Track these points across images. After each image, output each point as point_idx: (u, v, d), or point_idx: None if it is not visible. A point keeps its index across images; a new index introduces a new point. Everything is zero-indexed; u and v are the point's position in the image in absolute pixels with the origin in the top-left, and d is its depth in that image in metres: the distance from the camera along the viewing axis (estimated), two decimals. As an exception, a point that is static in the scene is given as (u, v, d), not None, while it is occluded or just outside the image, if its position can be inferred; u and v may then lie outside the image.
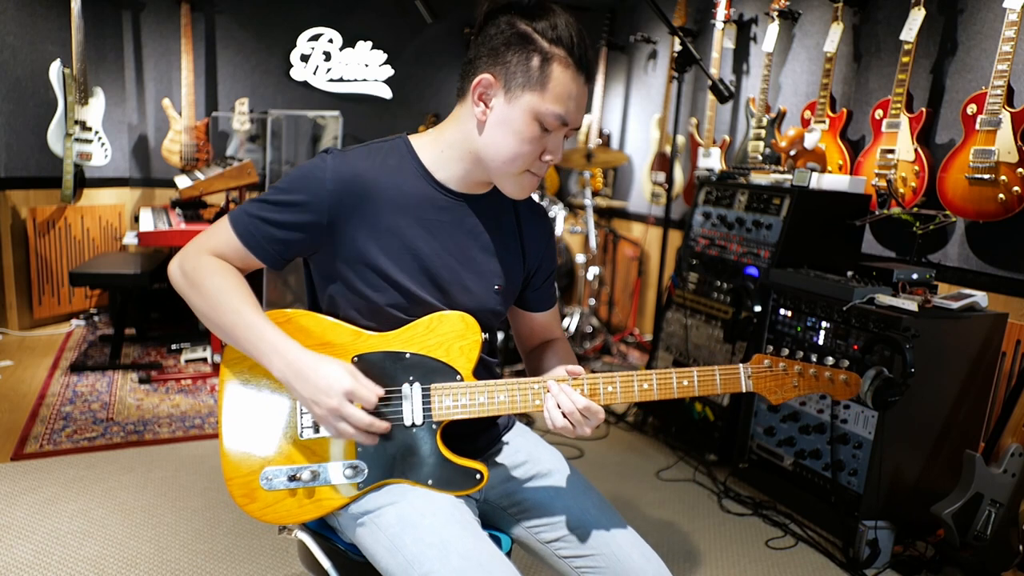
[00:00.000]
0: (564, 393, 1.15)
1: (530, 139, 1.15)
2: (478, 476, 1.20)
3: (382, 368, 1.20)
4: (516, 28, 1.13)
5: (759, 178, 3.00)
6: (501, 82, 1.15)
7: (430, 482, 1.20)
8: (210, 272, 1.18)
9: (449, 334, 1.22)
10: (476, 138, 1.19)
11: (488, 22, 1.16)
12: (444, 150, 1.24)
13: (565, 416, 1.14)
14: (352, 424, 1.12)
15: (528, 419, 3.20)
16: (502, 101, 1.15)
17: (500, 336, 3.69)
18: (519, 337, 1.49)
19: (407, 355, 1.21)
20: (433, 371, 1.21)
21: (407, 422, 1.19)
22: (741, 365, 1.23)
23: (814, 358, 1.27)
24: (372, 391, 1.14)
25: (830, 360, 1.25)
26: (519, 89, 1.13)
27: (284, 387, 1.19)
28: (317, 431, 1.20)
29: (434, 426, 1.20)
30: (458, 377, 1.21)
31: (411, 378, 1.20)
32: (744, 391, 1.23)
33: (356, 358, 1.21)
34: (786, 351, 1.27)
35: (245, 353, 1.17)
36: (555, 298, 1.48)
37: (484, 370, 1.31)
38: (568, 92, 1.13)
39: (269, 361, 1.13)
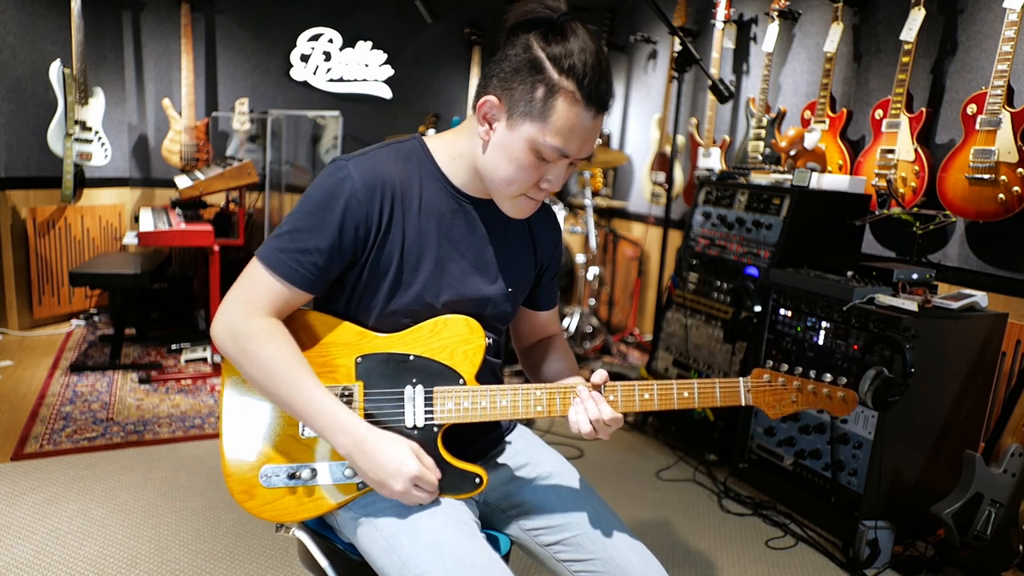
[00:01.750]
0: (593, 401, 1.17)
1: (527, 167, 1.13)
2: (477, 480, 1.20)
3: (385, 369, 1.21)
4: (530, 52, 1.09)
5: (759, 178, 3.00)
6: (505, 106, 1.12)
7: None
8: (264, 340, 1.14)
9: (453, 338, 1.23)
10: (480, 155, 1.19)
11: (510, 38, 1.13)
12: (456, 158, 1.24)
13: (591, 423, 1.17)
14: (413, 503, 1.15)
15: (528, 420, 3.20)
16: (504, 126, 1.14)
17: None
18: (517, 334, 1.49)
19: (411, 357, 1.21)
20: (436, 374, 1.21)
21: (408, 424, 1.20)
22: (741, 379, 1.24)
23: (813, 375, 1.27)
24: (435, 473, 1.16)
25: (828, 377, 1.26)
26: (520, 117, 1.11)
27: None
28: None
29: (435, 429, 1.20)
30: (461, 381, 1.21)
31: (414, 380, 1.20)
32: (743, 404, 1.24)
33: (360, 358, 1.21)
34: (793, 368, 1.27)
35: (303, 423, 1.17)
36: (558, 297, 1.49)
37: (488, 370, 1.31)
38: (571, 126, 1.09)
39: (332, 437, 1.13)
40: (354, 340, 1.22)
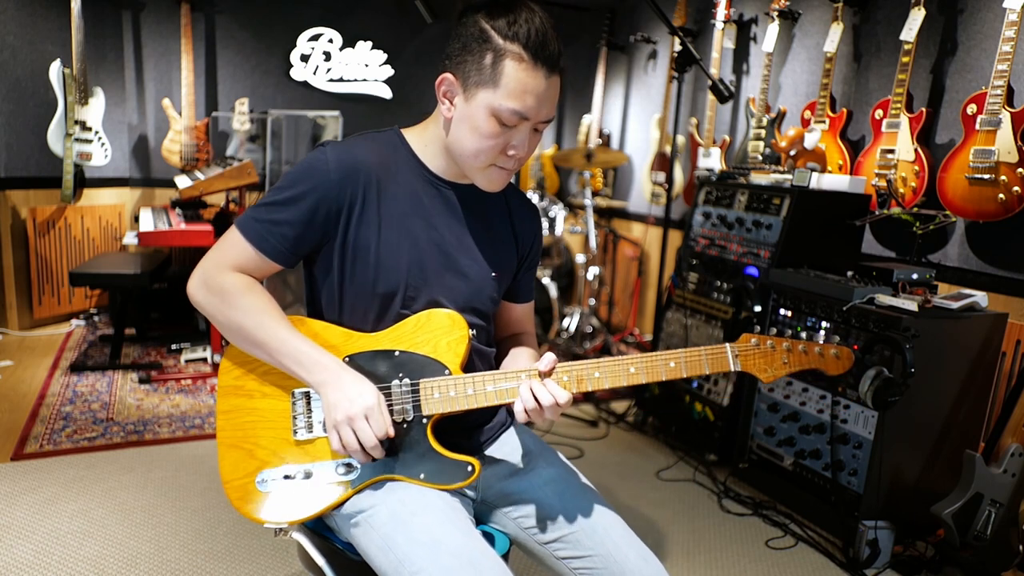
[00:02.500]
0: (545, 387, 1.17)
1: (489, 135, 1.17)
2: (469, 469, 1.21)
3: (372, 366, 1.22)
4: (477, 26, 1.15)
5: (759, 178, 3.00)
6: (460, 80, 1.18)
7: (422, 476, 1.20)
8: (241, 290, 1.20)
9: (437, 331, 1.24)
10: (445, 134, 1.24)
11: (460, 21, 1.19)
12: (428, 144, 1.29)
13: (539, 404, 1.17)
14: (358, 436, 1.14)
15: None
16: (462, 99, 1.18)
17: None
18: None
19: (396, 353, 1.23)
20: (422, 367, 1.23)
21: (397, 418, 1.21)
22: (728, 344, 1.23)
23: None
24: (388, 424, 1.17)
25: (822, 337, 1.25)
26: (474, 87, 1.16)
27: (284, 394, 1.23)
28: (311, 431, 1.22)
29: (424, 420, 1.21)
30: (447, 372, 1.23)
31: (400, 375, 1.22)
32: (732, 371, 1.22)
33: (347, 358, 1.22)
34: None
35: (280, 367, 1.19)
36: (534, 292, 1.51)
37: (480, 360, 1.33)
38: (523, 87, 1.13)
39: (309, 372, 1.16)
40: (340, 342, 1.24)
